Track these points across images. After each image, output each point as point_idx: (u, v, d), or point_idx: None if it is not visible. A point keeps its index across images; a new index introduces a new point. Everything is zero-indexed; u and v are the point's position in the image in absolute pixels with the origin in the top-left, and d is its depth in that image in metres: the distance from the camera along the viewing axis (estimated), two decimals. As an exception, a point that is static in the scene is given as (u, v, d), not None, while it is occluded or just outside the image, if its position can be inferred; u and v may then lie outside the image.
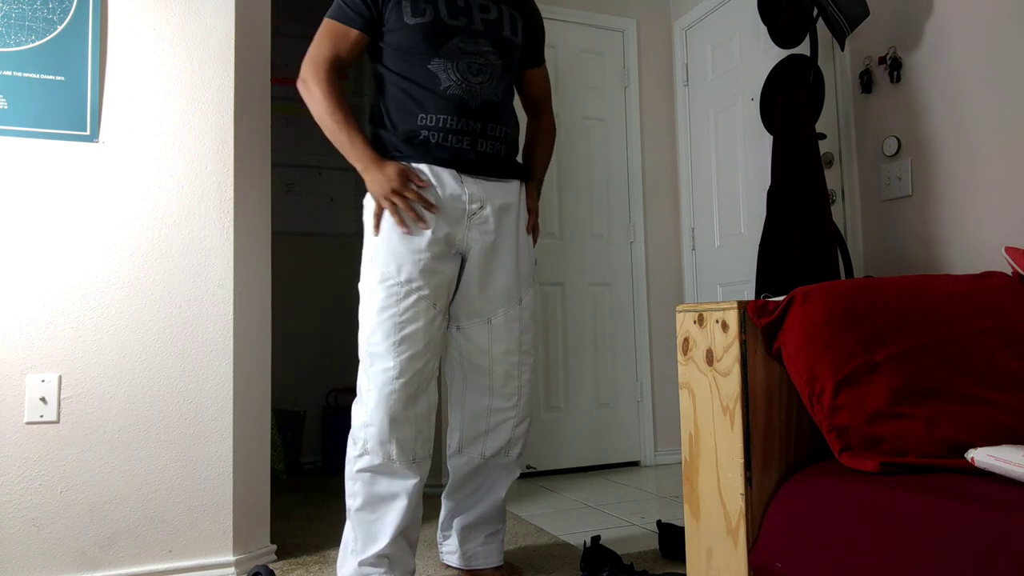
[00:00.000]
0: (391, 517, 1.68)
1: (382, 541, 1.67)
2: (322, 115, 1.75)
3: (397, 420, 1.67)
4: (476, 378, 1.85)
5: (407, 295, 1.68)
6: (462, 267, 1.80)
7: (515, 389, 1.85)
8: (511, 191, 1.84)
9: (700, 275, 3.46)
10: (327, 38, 1.78)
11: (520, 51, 1.89)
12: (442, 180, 1.74)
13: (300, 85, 1.78)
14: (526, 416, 1.89)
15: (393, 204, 1.69)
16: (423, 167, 1.73)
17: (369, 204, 1.77)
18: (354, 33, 1.78)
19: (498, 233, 1.80)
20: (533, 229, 1.91)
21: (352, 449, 1.71)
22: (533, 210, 1.91)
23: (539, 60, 2.00)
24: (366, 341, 1.70)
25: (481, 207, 1.76)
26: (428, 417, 1.75)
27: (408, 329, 1.68)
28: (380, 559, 1.67)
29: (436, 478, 2.02)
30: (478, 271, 1.79)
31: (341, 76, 1.82)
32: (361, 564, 1.67)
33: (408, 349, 1.67)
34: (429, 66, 1.74)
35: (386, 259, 1.70)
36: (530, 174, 1.95)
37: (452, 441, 1.91)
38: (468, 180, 1.76)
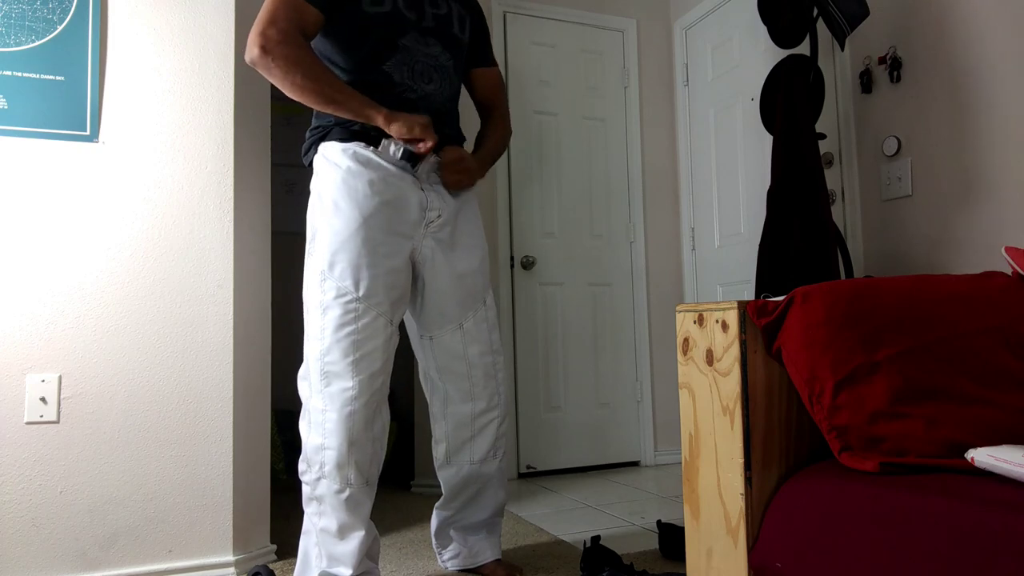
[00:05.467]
0: (353, 544, 1.65)
1: (350, 568, 1.64)
2: (310, 82, 1.59)
3: (356, 442, 1.63)
4: (457, 384, 1.83)
5: (366, 312, 1.63)
6: (414, 279, 1.77)
7: (495, 388, 1.85)
8: (466, 195, 1.83)
9: (700, 275, 3.46)
10: (285, 6, 1.60)
11: (467, 49, 1.87)
12: (401, 189, 1.69)
13: (259, 56, 1.58)
14: (507, 413, 1.91)
15: (423, 138, 1.63)
16: (387, 166, 1.69)
17: (328, 185, 1.66)
18: (313, 12, 1.63)
19: (456, 236, 1.78)
20: (451, 168, 1.76)
21: (308, 473, 1.66)
22: (467, 168, 1.78)
23: (489, 59, 1.97)
24: (321, 360, 1.63)
25: (439, 215, 1.74)
26: (382, 438, 1.71)
27: (367, 347, 1.63)
28: None
29: (431, 478, 2.01)
30: (448, 277, 1.77)
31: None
32: None
33: (368, 368, 1.63)
34: (384, 67, 1.69)
35: (343, 273, 1.62)
36: (477, 152, 1.87)
37: (438, 453, 1.89)
38: (427, 189, 1.73)
